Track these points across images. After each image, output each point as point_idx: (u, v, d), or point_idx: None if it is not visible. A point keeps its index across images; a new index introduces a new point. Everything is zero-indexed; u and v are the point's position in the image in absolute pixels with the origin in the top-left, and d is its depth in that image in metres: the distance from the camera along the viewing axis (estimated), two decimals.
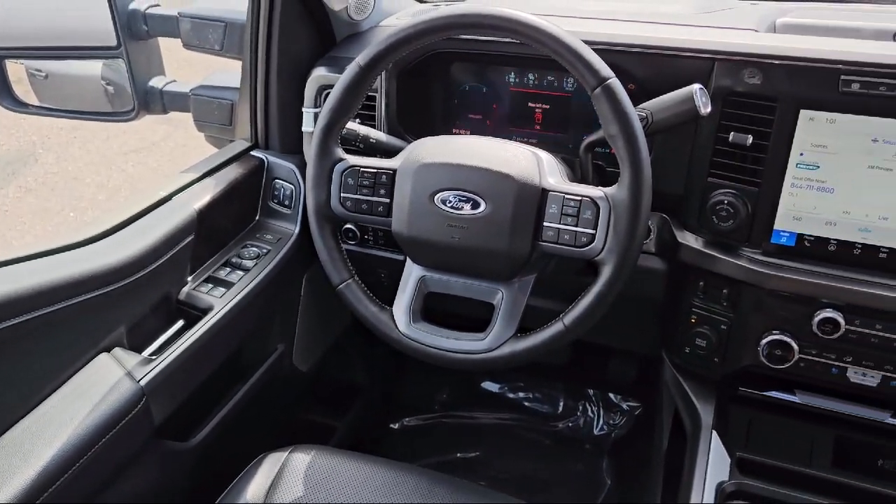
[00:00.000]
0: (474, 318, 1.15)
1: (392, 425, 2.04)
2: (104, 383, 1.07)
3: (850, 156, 1.05)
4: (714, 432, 1.21)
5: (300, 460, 1.17)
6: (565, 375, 2.05)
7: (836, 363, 1.14)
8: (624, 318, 1.40)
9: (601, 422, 1.98)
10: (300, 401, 1.70)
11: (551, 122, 1.33)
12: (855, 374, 1.14)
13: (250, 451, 1.22)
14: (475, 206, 1.03)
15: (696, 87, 1.04)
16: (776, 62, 1.05)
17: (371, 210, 1.11)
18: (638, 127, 0.97)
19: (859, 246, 1.08)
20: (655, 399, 1.53)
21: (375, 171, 1.10)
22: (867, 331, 1.09)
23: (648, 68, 1.16)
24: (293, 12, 1.36)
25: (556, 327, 1.04)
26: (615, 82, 0.97)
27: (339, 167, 1.11)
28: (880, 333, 1.09)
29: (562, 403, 2.03)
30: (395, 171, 1.09)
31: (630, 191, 0.97)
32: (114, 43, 1.43)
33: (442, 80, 1.38)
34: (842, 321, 1.10)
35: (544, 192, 1.02)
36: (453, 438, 1.98)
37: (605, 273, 1.00)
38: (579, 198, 1.00)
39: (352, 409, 1.86)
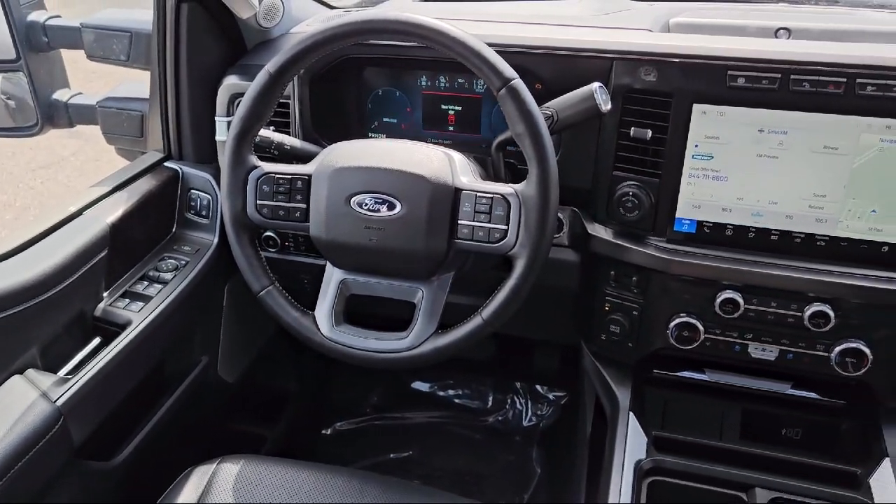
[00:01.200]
0: (398, 317, 1.17)
1: (324, 431, 2.04)
2: (18, 406, 1.04)
3: (740, 146, 1.12)
4: (631, 414, 1.26)
5: (228, 471, 1.16)
6: (493, 370, 2.09)
7: (738, 340, 1.22)
8: (543, 309, 1.44)
9: (529, 413, 2.03)
10: (228, 412, 1.68)
11: (464, 123, 1.37)
12: (755, 350, 1.21)
13: (178, 466, 1.20)
14: (391, 207, 1.05)
15: (596, 85, 1.09)
16: (669, 60, 1.12)
17: (288, 216, 1.12)
18: (543, 125, 1.01)
19: (753, 230, 1.16)
20: (578, 387, 1.58)
21: (291, 177, 1.11)
22: (764, 308, 1.17)
23: (553, 68, 1.21)
24: (200, 21, 1.35)
25: (474, 322, 1.07)
26: (519, 83, 1.01)
27: (253, 174, 1.11)
28: (775, 310, 1.16)
29: (491, 398, 2.07)
30: (310, 176, 1.10)
31: (538, 186, 1.01)
32: (12, 56, 1.39)
33: (355, 84, 1.40)
34: (741, 301, 1.17)
35: (457, 191, 1.05)
36: (386, 440, 1.99)
37: (519, 267, 1.03)
38: (491, 195, 1.04)
39: (282, 417, 1.85)
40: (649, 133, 1.15)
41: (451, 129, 1.37)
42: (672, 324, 1.22)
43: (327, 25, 1.07)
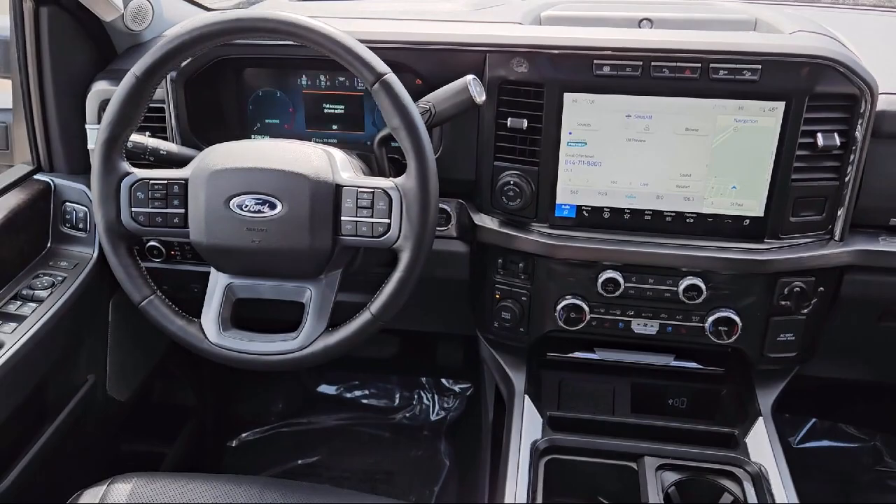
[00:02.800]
0: (288, 319, 1.16)
1: (229, 443, 1.99)
2: None
3: (610, 131, 1.17)
4: (527, 397, 1.30)
5: (120, 490, 1.12)
6: (398, 368, 2.10)
7: (622, 317, 1.27)
8: (438, 302, 1.47)
9: (437, 407, 2.05)
10: (122, 432, 1.62)
11: (348, 121, 1.37)
12: (638, 326, 1.27)
13: (68, 491, 1.15)
14: (272, 207, 1.04)
15: (470, 77, 1.12)
16: (539, 51, 1.15)
17: (166, 223, 1.09)
18: (418, 118, 1.03)
19: (628, 211, 1.21)
20: (480, 376, 1.61)
21: (166, 182, 1.08)
22: (642, 285, 1.23)
23: (430, 64, 1.23)
24: (63, 25, 1.30)
25: (363, 317, 1.07)
26: (392, 77, 1.02)
27: (126, 181, 1.08)
28: (653, 286, 1.23)
29: (397, 395, 2.08)
30: (186, 180, 1.08)
31: (417, 178, 1.02)
32: None
33: (235, 86, 1.37)
34: (621, 280, 1.22)
35: (338, 188, 1.05)
36: (293, 446, 1.97)
37: (404, 259, 1.04)
38: (372, 190, 1.04)
39: (182, 432, 1.80)
40: (525, 123, 1.18)
41: (334, 127, 1.37)
42: (559, 306, 1.26)
43: (194, 25, 1.04)
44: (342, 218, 1.05)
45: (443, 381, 2.08)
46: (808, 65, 1.08)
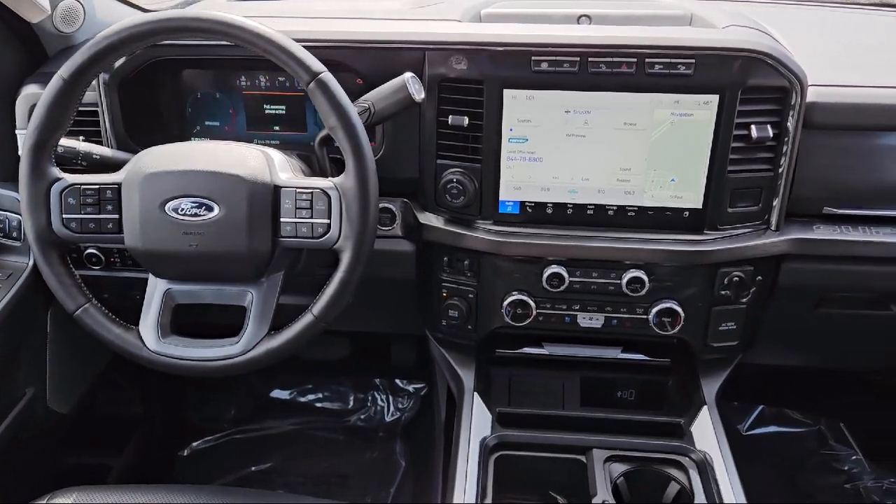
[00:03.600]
0: (230, 323, 1.14)
1: (180, 452, 1.95)
2: None
3: (550, 127, 1.17)
4: (476, 394, 1.30)
5: None
6: (351, 370, 2.08)
7: (568, 312, 1.28)
8: (385, 302, 1.46)
9: (391, 408, 2.04)
10: (65, 445, 1.57)
11: (290, 122, 1.35)
12: (584, 319, 1.28)
13: None
14: (209, 210, 1.02)
15: (408, 75, 1.11)
16: (477, 48, 1.15)
17: (100, 229, 1.06)
18: (355, 116, 1.02)
19: (571, 206, 1.22)
20: (432, 375, 1.61)
21: (98, 187, 1.05)
22: (586, 279, 1.24)
23: (370, 63, 1.22)
24: None
25: (306, 319, 1.06)
26: (327, 76, 1.01)
27: (56, 187, 1.04)
28: (597, 280, 1.24)
29: (352, 398, 2.07)
30: (119, 184, 1.05)
31: (356, 178, 1.01)
32: None
33: (172, 88, 1.35)
34: (565, 274, 1.23)
35: (277, 189, 1.04)
36: (246, 453, 1.94)
37: (345, 259, 1.03)
38: (311, 190, 1.03)
39: (129, 443, 1.75)
40: (466, 120, 1.18)
41: (276, 128, 1.35)
42: (506, 303, 1.27)
43: (123, 26, 1.02)
44: (281, 219, 1.04)
45: (397, 381, 2.07)
46: (739, 58, 1.10)
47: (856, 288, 1.27)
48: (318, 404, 2.07)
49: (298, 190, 1.03)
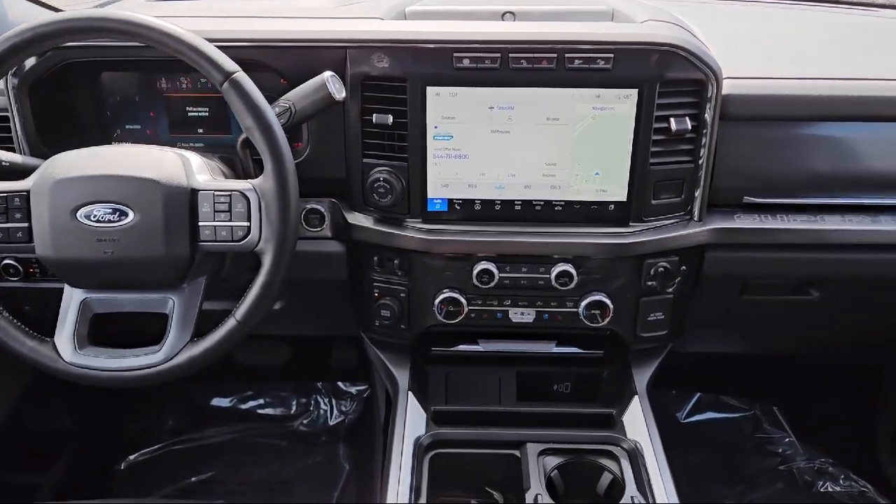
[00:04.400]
0: (152, 331, 1.11)
1: (117, 466, 1.89)
2: None
3: (474, 124, 1.17)
4: (410, 393, 1.29)
5: None
6: (293, 374, 2.06)
7: (499, 308, 1.28)
8: (318, 305, 1.44)
9: (334, 411, 2.02)
10: None
11: (213, 124, 1.32)
12: (515, 315, 1.29)
13: None
14: (123, 216, 1.00)
15: (328, 74, 1.10)
16: (398, 46, 1.15)
17: (9, 238, 1.02)
18: (271, 116, 1.00)
19: (498, 202, 1.22)
20: (372, 377, 1.60)
21: (5, 194, 1.01)
22: (516, 275, 1.24)
23: (291, 62, 1.20)
24: None
25: (229, 325, 1.04)
26: (241, 76, 0.99)
27: None
28: (526, 275, 1.24)
29: (294, 403, 2.04)
30: (27, 191, 1.01)
31: (275, 179, 1.00)
32: None
33: (90, 91, 1.30)
34: (495, 270, 1.23)
35: (194, 192, 1.01)
36: (186, 464, 1.89)
37: (266, 262, 1.02)
38: (229, 192, 1.01)
39: (60, 460, 1.70)
40: (390, 118, 1.17)
41: (200, 131, 1.32)
42: (437, 300, 1.26)
43: (28, 26, 0.98)
44: (200, 223, 1.02)
45: (339, 384, 2.05)
46: (656, 52, 1.12)
47: (776, 274, 1.31)
48: (260, 411, 2.04)
49: (216, 192, 1.01)
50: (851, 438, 1.93)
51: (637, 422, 1.23)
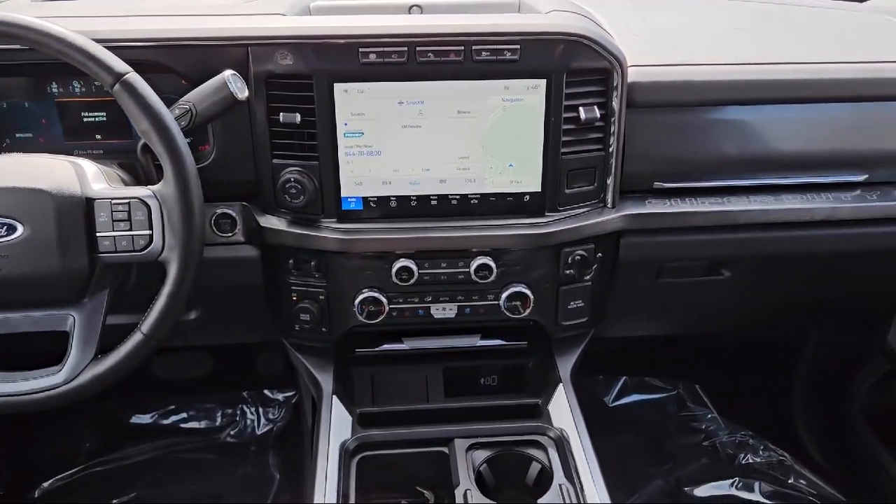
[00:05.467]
0: (53, 350, 1.05)
1: (30, 494, 1.79)
2: None
3: (384, 119, 1.16)
4: (335, 397, 1.27)
5: None
6: (217, 385, 1.99)
7: (420, 305, 1.27)
8: (235, 312, 1.40)
9: (262, 420, 1.98)
10: None
11: (112, 129, 1.26)
12: (437, 311, 1.28)
13: None
14: (11, 230, 0.94)
15: (228, 73, 1.06)
16: (302, 42, 1.12)
17: None
18: (167, 118, 0.96)
19: (414, 198, 1.21)
20: (298, 382, 1.56)
21: None
22: (435, 270, 1.23)
23: (191, 62, 1.15)
24: None
25: (135, 339, 0.99)
26: (133, 76, 0.94)
27: None
28: (446, 270, 1.23)
29: (219, 414, 1.98)
30: None
31: (176, 184, 0.96)
32: None
33: None
34: (414, 267, 1.22)
35: (89, 202, 0.96)
36: (106, 487, 1.81)
37: (172, 271, 0.98)
38: (127, 200, 0.97)
39: None
40: (298, 117, 1.14)
41: (98, 137, 1.26)
42: (357, 301, 1.24)
43: None
44: (98, 234, 0.97)
45: (266, 392, 2.00)
46: (561, 42, 1.12)
47: (689, 257, 1.34)
48: (184, 425, 1.97)
49: (114, 201, 0.96)
50: (769, 410, 2.01)
51: (563, 410, 1.24)
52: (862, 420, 1.80)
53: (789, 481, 1.85)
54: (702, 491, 1.83)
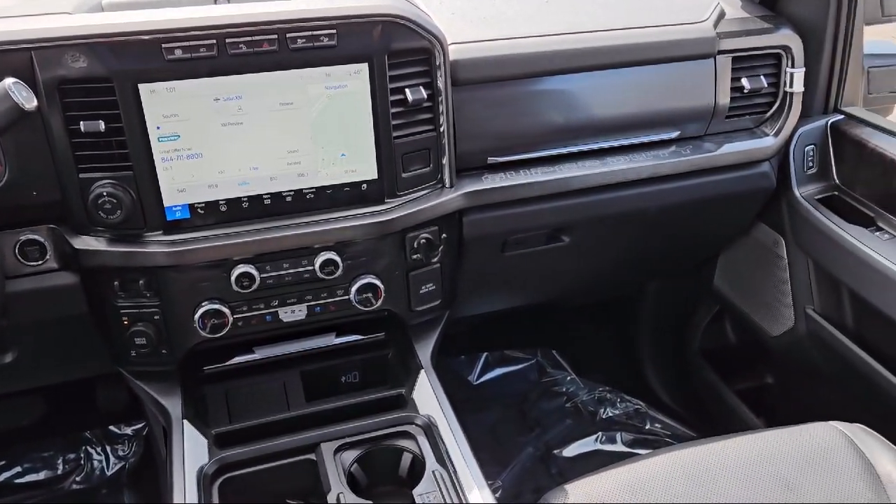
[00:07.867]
0: None
1: None
2: None
3: (201, 119, 1.08)
4: (185, 422, 1.18)
5: None
6: (54, 429, 1.81)
7: (267, 311, 1.21)
8: (61, 347, 1.27)
9: (111, 459, 1.81)
10: None
11: None
12: (285, 314, 1.22)
13: None
14: None
15: (10, 81, 0.94)
16: (94, 42, 1.01)
17: None
18: None
19: (245, 199, 1.14)
20: (145, 411, 1.44)
21: None
22: (279, 272, 1.18)
23: None
24: None
25: None
26: None
27: None
28: (289, 271, 1.18)
29: (60, 461, 1.80)
30: None
31: None
32: None
33: None
34: (255, 272, 1.15)
35: None
36: None
37: None
38: None
39: None
40: (102, 125, 1.04)
41: None
42: (197, 315, 1.16)
43: None
44: None
45: (111, 428, 1.84)
46: (378, 23, 1.10)
47: (530, 227, 1.37)
48: (20, 479, 1.77)
49: None
50: (621, 364, 2.12)
51: (427, 396, 1.22)
52: (701, 359, 1.94)
53: (646, 427, 1.97)
54: (570, 451, 1.90)
